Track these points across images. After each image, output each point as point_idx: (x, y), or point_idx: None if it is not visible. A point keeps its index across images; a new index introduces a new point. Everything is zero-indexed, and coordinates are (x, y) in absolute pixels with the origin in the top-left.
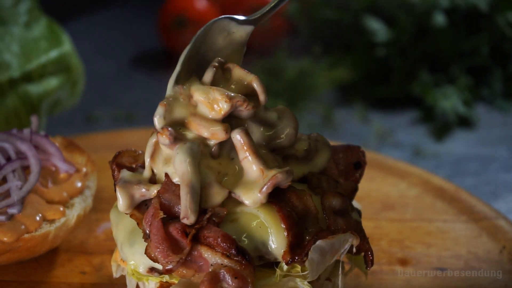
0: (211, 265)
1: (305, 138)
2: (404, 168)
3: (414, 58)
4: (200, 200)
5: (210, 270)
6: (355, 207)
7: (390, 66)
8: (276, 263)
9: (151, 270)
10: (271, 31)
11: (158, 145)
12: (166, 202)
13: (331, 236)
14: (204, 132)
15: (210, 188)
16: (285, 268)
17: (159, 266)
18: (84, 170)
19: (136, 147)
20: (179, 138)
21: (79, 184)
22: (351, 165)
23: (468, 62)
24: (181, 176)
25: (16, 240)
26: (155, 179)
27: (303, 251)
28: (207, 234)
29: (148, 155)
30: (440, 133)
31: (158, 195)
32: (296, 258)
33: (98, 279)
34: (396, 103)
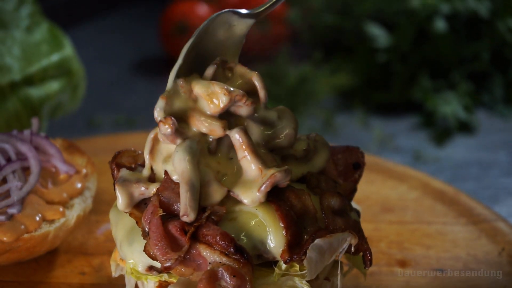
0: (210, 263)
1: (304, 138)
2: (404, 171)
3: (414, 63)
4: (199, 198)
5: (209, 268)
6: (354, 208)
7: (390, 71)
8: (274, 262)
9: (150, 268)
10: (272, 37)
11: (156, 140)
12: (165, 200)
13: (329, 235)
14: (202, 128)
15: (209, 186)
16: (283, 267)
17: (158, 265)
18: (84, 171)
19: (137, 149)
20: (179, 130)
21: (79, 185)
22: (350, 165)
23: (469, 68)
24: (180, 174)
25: (15, 239)
26: (154, 177)
27: (301, 250)
28: (205, 232)
29: (147, 151)
30: (441, 138)
31: (157, 193)
32: (295, 257)
33: (98, 280)
34: (397, 108)
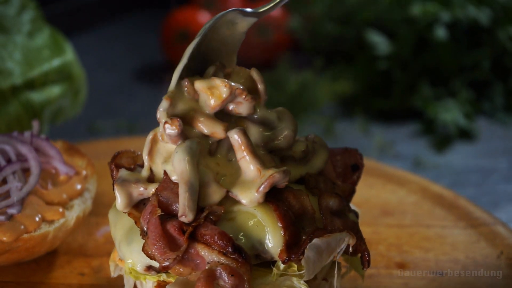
0: (208, 263)
1: (302, 139)
2: (404, 176)
3: (415, 71)
4: (198, 198)
5: (207, 268)
6: (352, 209)
7: (391, 79)
8: (272, 262)
9: (149, 268)
10: (274, 45)
11: (155, 141)
12: (164, 200)
13: (327, 234)
14: (204, 129)
15: (208, 187)
16: (281, 267)
17: (156, 264)
18: (84, 173)
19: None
20: (183, 132)
21: (78, 186)
22: (349, 167)
23: (469, 76)
24: (179, 174)
25: (15, 239)
26: (153, 178)
27: (299, 250)
28: (204, 232)
29: (146, 152)
30: (441, 145)
31: (156, 193)
32: (293, 257)
33: (97, 281)
34: (397, 115)
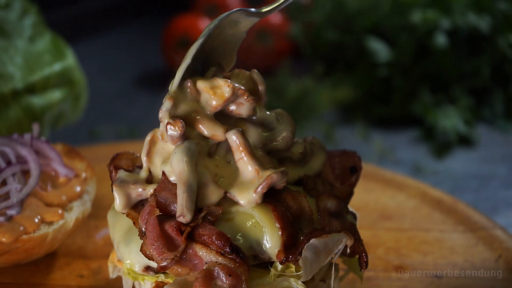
0: (206, 263)
1: (301, 141)
2: (403, 181)
3: (415, 78)
4: (196, 199)
5: (205, 268)
6: (351, 211)
7: (391, 86)
8: (270, 263)
9: (147, 269)
10: (274, 52)
11: (154, 143)
12: (162, 200)
13: (325, 235)
14: (204, 131)
15: (207, 188)
16: (279, 267)
17: (154, 265)
18: (83, 175)
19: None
20: (184, 133)
21: (78, 188)
22: (347, 169)
23: (469, 83)
24: (178, 175)
25: (14, 240)
26: (152, 179)
27: (297, 250)
28: (202, 232)
29: (144, 153)
30: (441, 151)
31: (154, 193)
32: (290, 257)
33: (96, 282)
34: (397, 122)
